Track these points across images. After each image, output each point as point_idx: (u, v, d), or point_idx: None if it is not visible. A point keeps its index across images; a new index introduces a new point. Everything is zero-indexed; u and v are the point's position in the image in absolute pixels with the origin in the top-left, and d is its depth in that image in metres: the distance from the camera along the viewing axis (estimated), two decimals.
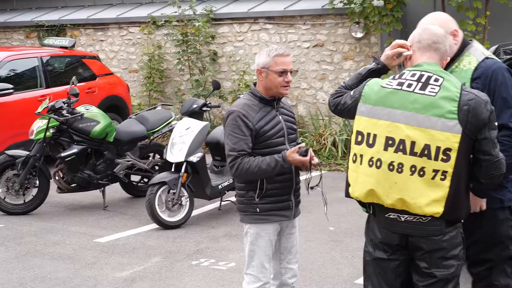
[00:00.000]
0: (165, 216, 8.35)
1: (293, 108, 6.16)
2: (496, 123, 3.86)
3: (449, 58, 4.11)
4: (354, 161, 3.94)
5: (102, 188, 9.39)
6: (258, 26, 14.12)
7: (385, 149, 3.82)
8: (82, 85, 11.72)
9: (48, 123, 8.99)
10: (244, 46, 14.25)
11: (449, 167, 3.74)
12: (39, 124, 9.13)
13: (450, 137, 3.73)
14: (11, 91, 10.99)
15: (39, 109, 9.18)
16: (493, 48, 8.55)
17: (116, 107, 12.98)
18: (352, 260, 7.18)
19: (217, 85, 9.30)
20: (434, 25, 4.13)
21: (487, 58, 4.34)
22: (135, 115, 10.00)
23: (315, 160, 4.71)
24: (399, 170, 3.78)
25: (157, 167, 9.88)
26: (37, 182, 9.21)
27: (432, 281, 3.88)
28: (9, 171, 9.11)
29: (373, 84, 3.98)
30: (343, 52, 13.35)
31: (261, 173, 4.65)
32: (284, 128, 4.82)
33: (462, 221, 3.95)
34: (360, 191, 3.91)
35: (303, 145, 4.71)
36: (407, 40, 4.17)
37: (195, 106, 8.95)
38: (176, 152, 8.47)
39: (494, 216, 4.32)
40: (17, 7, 17.65)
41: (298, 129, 7.84)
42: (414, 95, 3.82)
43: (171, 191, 8.36)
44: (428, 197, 3.76)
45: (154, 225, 8.43)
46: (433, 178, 3.75)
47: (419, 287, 3.95)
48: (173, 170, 8.48)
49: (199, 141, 8.62)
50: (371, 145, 3.86)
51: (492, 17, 11.90)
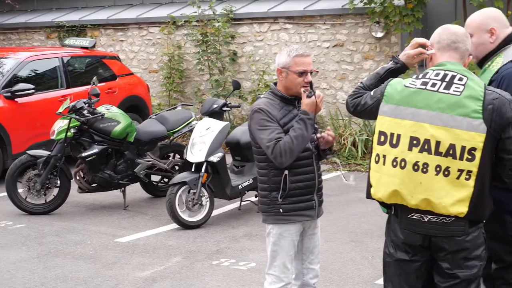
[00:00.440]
0: (185, 216, 8.37)
1: None
2: None
3: (471, 57, 4.08)
4: (377, 162, 3.92)
5: (123, 188, 9.42)
6: (278, 26, 14.11)
7: (410, 149, 3.79)
8: (103, 85, 11.76)
9: (69, 123, 9.03)
10: (264, 46, 14.24)
11: (473, 166, 3.72)
12: (60, 124, 9.17)
13: (475, 137, 3.71)
14: (32, 91, 11.04)
15: (60, 109, 9.22)
16: None
17: (136, 107, 13.02)
18: (372, 261, 7.15)
19: (237, 85, 9.30)
20: (473, 17, 4.19)
21: (511, 61, 4.30)
22: (155, 115, 10.02)
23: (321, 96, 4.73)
24: (424, 170, 3.76)
25: (177, 167, 9.90)
26: (58, 182, 9.24)
27: (454, 282, 3.85)
28: (31, 171, 9.16)
29: (396, 83, 3.95)
30: (363, 52, 13.31)
31: (300, 139, 4.61)
32: None
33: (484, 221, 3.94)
34: (384, 192, 3.88)
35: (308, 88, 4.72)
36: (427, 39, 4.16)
37: (215, 106, 8.96)
38: (196, 152, 8.48)
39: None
40: (37, 8, 17.74)
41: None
42: (438, 94, 3.80)
43: (191, 191, 8.37)
44: (453, 197, 3.73)
45: (175, 225, 8.44)
46: (458, 178, 3.73)
47: None
48: (193, 170, 8.49)
49: (219, 141, 8.62)
50: (394, 145, 3.84)
51: None
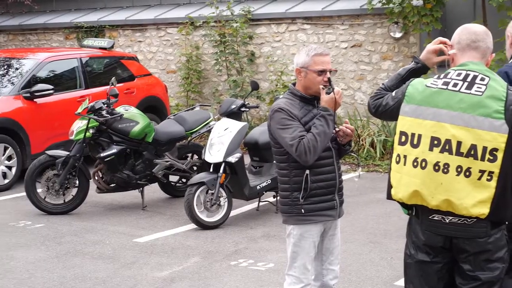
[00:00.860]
0: (203, 217, 8.37)
1: None
2: None
3: (493, 55, 4.04)
4: (398, 162, 3.90)
5: (141, 188, 9.43)
6: (296, 26, 14.09)
7: (431, 149, 3.77)
8: (121, 85, 11.79)
9: (88, 123, 9.06)
10: (282, 47, 14.23)
11: (495, 167, 3.69)
12: (79, 125, 9.20)
13: (497, 137, 3.68)
14: (51, 92, 11.09)
15: (79, 110, 9.25)
16: None
17: (154, 107, 13.04)
18: (391, 262, 7.12)
19: (255, 86, 9.29)
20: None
21: None
22: (174, 115, 10.03)
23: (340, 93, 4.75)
24: (445, 170, 3.73)
25: (195, 168, 9.90)
26: (77, 182, 9.27)
27: (476, 284, 3.82)
28: (50, 171, 9.19)
29: (417, 83, 3.93)
30: (381, 52, 13.28)
31: (322, 136, 4.62)
32: None
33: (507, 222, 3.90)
34: (404, 193, 3.86)
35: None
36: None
37: (233, 106, 8.95)
38: (214, 153, 8.48)
39: None
40: (56, 9, 17.82)
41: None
42: (460, 94, 3.77)
43: (210, 191, 8.37)
44: (474, 198, 3.71)
45: (193, 225, 8.44)
46: (479, 178, 3.70)
47: None
48: (211, 170, 8.50)
49: (237, 141, 8.62)
50: (415, 146, 3.82)
51: None
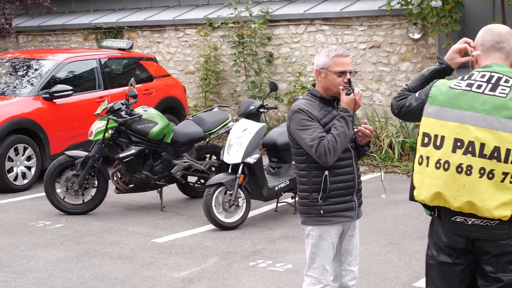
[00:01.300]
0: (222, 217, 8.38)
1: None
2: None
3: None
4: (420, 163, 3.88)
5: (160, 189, 9.46)
6: (314, 27, 14.08)
7: (454, 151, 3.75)
8: (140, 86, 11.82)
9: (107, 124, 9.09)
10: (300, 48, 14.23)
11: None
12: (98, 125, 9.23)
13: None
14: (70, 92, 11.14)
15: (98, 110, 9.29)
16: None
17: (172, 108, 13.08)
18: (410, 263, 7.10)
19: (274, 87, 9.29)
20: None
21: None
22: (192, 116, 10.05)
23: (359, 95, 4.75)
24: (468, 172, 3.71)
25: (213, 168, 9.92)
26: (96, 183, 9.32)
27: (498, 285, 3.80)
28: (69, 171, 9.23)
29: (440, 85, 3.91)
30: (400, 53, 13.24)
31: (342, 137, 4.63)
32: None
33: None
34: (426, 194, 3.84)
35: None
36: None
37: (252, 107, 8.96)
38: (233, 154, 8.48)
39: None
40: (75, 10, 17.90)
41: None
42: (484, 96, 3.75)
43: (228, 192, 8.38)
44: (497, 200, 3.68)
45: (211, 226, 8.45)
46: (502, 181, 3.68)
47: None
48: (230, 171, 8.50)
49: (256, 142, 8.63)
50: (438, 147, 3.80)
51: None
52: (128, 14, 16.80)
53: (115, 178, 9.35)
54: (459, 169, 3.73)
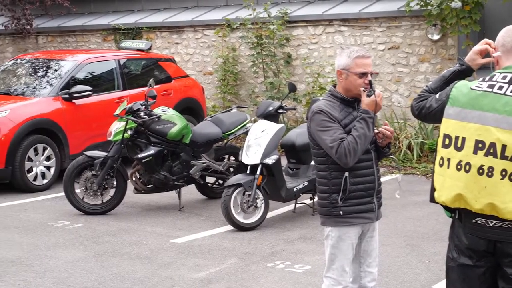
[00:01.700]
0: (240, 218, 8.38)
1: None
2: None
3: None
4: (441, 165, 3.86)
5: (178, 189, 9.47)
6: (333, 28, 14.06)
7: (475, 152, 3.73)
8: (158, 87, 11.83)
9: (126, 124, 9.12)
10: (319, 49, 14.21)
11: None
12: (117, 126, 9.26)
13: None
14: (89, 93, 11.20)
15: (117, 111, 9.32)
16: None
17: (191, 109, 13.10)
18: (429, 265, 7.08)
19: (293, 88, 9.28)
20: None
21: None
22: (211, 117, 10.06)
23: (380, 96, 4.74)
24: (489, 174, 3.69)
25: (232, 169, 9.92)
26: (115, 183, 9.34)
27: None
28: (88, 171, 9.26)
29: (461, 86, 3.90)
30: (419, 54, 13.19)
31: (363, 138, 4.63)
32: None
33: None
34: (447, 196, 3.82)
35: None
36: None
37: (271, 108, 8.96)
38: (251, 154, 8.49)
39: None
40: (94, 11, 17.97)
41: None
42: (505, 97, 3.73)
43: (246, 193, 8.38)
44: None
45: (229, 227, 8.46)
46: None
47: None
48: (248, 172, 8.51)
49: (274, 143, 8.62)
50: (459, 149, 3.78)
51: None
52: (147, 15, 16.85)
53: (134, 179, 9.37)
54: (480, 171, 3.71)
